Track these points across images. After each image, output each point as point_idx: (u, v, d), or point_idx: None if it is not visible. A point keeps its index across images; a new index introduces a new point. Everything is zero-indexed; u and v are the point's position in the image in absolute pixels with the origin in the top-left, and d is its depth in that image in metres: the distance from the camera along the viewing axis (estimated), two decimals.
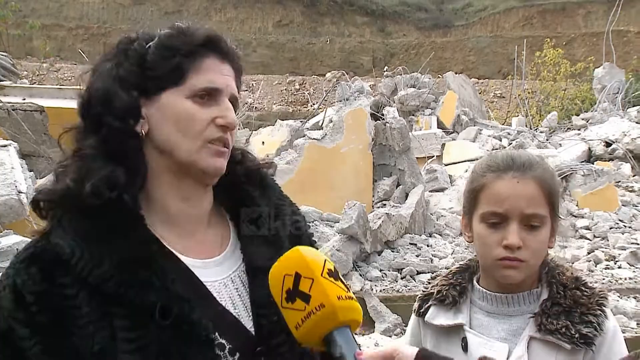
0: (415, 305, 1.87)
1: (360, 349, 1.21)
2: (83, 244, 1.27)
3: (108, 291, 1.25)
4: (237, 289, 1.42)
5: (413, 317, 1.90)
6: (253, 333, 1.38)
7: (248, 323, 1.39)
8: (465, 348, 1.70)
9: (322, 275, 1.20)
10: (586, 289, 1.65)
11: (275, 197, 1.54)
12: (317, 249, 1.58)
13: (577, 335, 1.57)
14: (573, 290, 1.64)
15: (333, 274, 1.22)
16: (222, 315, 1.36)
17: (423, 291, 1.88)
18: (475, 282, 1.79)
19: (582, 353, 1.59)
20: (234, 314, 1.39)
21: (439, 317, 1.79)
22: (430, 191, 12.01)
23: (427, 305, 1.83)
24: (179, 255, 1.38)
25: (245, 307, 1.40)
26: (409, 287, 8.13)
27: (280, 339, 1.31)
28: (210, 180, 1.43)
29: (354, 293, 1.24)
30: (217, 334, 1.33)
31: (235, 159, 1.49)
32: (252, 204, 1.49)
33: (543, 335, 1.60)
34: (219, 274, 1.42)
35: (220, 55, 1.42)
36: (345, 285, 1.22)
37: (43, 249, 1.29)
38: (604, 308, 1.62)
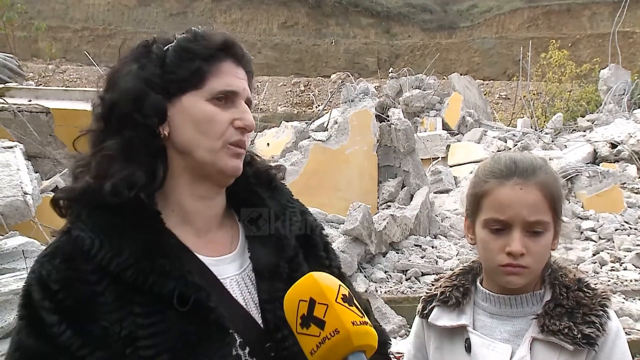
0: (419, 306, 1.88)
1: None
2: (102, 236, 1.32)
3: (128, 280, 1.30)
4: (247, 286, 1.46)
5: (417, 318, 1.91)
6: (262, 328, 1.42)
7: (258, 319, 1.43)
8: (468, 349, 1.71)
9: (336, 300, 1.22)
10: (589, 290, 1.65)
11: (285, 199, 1.58)
12: (331, 250, 1.65)
13: (579, 336, 1.57)
14: (576, 292, 1.64)
15: (347, 300, 1.24)
16: (235, 309, 1.40)
17: (426, 292, 1.88)
18: (478, 283, 1.79)
19: (585, 354, 1.59)
20: (246, 309, 1.43)
21: (442, 318, 1.80)
22: (435, 193, 12.00)
23: (430, 307, 1.84)
24: (194, 252, 1.43)
25: (255, 304, 1.44)
26: (413, 289, 8.12)
27: (286, 332, 1.33)
28: (226, 181, 1.48)
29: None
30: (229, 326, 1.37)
31: (244, 160, 1.53)
32: (261, 205, 1.53)
33: (546, 336, 1.61)
34: (230, 271, 1.46)
35: (236, 60, 1.47)
36: (360, 310, 1.24)
37: (65, 243, 1.35)
38: (606, 309, 1.62)
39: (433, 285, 1.89)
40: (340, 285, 1.26)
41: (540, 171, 1.66)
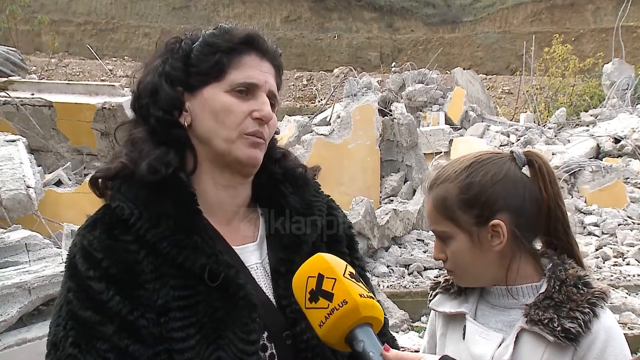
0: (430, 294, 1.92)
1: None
2: (142, 207, 1.38)
3: (163, 251, 1.36)
4: (265, 276, 1.51)
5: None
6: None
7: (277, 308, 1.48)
8: (464, 336, 1.72)
9: (344, 275, 1.26)
10: (584, 288, 1.62)
11: (310, 195, 1.62)
12: (357, 249, 1.69)
13: (559, 329, 1.56)
14: (570, 287, 1.62)
15: (354, 276, 1.28)
16: (258, 293, 1.45)
17: (433, 280, 1.92)
18: None
19: (572, 352, 1.57)
20: (267, 296, 1.48)
21: (443, 304, 1.83)
22: None
23: (434, 293, 1.88)
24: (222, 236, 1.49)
25: (273, 293, 1.49)
26: (416, 283, 8.13)
27: (304, 325, 1.38)
28: (246, 170, 1.51)
29: None
30: None
31: (275, 157, 1.60)
32: (282, 201, 1.57)
33: (530, 326, 1.60)
34: (252, 259, 1.51)
35: (260, 53, 1.51)
36: (365, 288, 1.28)
37: (104, 214, 1.42)
38: (595, 308, 1.58)
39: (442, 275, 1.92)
40: (346, 264, 1.31)
41: (436, 186, 1.73)
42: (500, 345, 1.65)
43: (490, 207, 1.65)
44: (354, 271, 1.30)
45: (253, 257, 1.51)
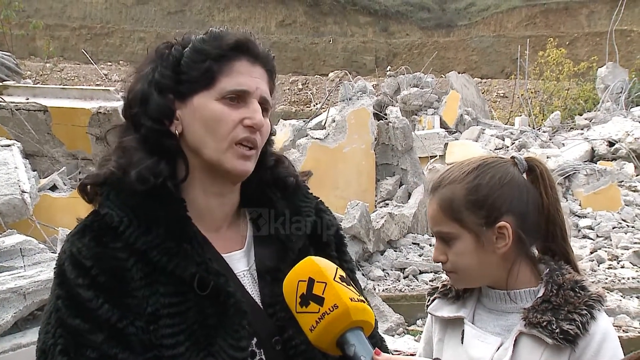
0: (427, 300, 1.93)
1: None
2: (131, 214, 1.37)
3: (153, 259, 1.36)
4: (252, 283, 1.50)
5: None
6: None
7: (265, 314, 1.47)
8: (463, 340, 1.73)
9: (334, 279, 1.27)
10: (580, 291, 1.65)
11: (299, 200, 1.59)
12: (346, 252, 1.67)
13: (557, 331, 1.57)
14: (567, 291, 1.64)
15: (345, 280, 1.29)
16: (247, 298, 1.44)
17: (431, 286, 1.93)
18: None
19: (568, 353, 1.59)
20: (256, 302, 1.47)
21: (442, 309, 1.84)
22: None
23: (432, 298, 1.89)
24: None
25: (260, 300, 1.48)
26: (411, 287, 8.15)
27: (292, 331, 1.38)
28: (237, 180, 1.50)
29: None
30: None
31: (268, 164, 1.56)
32: (269, 206, 1.55)
33: (528, 329, 1.62)
34: (240, 267, 1.50)
35: (251, 58, 1.48)
36: (356, 291, 1.28)
37: (93, 221, 1.41)
38: (592, 310, 1.60)
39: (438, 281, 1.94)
40: (337, 267, 1.31)
41: (442, 187, 1.73)
42: (498, 348, 1.67)
43: (498, 209, 1.68)
44: (344, 274, 1.30)
45: (240, 264, 1.50)
